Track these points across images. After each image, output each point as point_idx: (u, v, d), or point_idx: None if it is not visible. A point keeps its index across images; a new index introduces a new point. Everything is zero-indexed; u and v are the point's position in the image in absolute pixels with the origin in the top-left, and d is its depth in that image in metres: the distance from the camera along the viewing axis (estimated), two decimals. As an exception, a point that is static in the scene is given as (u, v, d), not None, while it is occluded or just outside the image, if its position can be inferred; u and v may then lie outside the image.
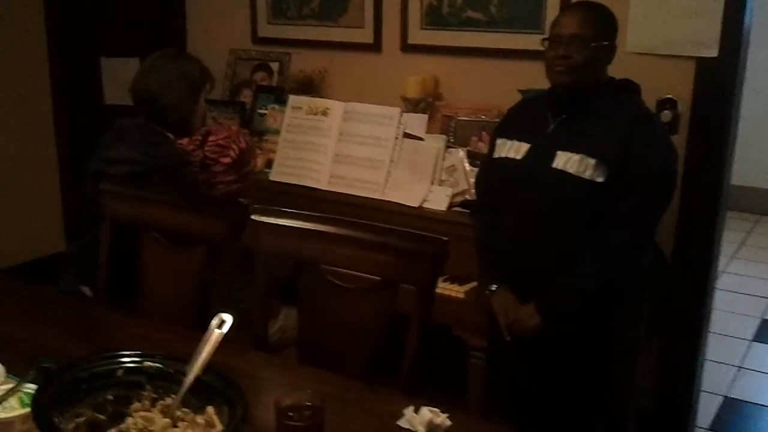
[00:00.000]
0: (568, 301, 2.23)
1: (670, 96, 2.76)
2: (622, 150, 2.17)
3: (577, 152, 2.20)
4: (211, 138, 2.57)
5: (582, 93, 2.27)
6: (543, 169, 2.24)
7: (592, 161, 2.18)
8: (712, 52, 2.70)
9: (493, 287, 2.37)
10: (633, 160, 2.17)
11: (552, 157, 2.24)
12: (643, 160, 2.18)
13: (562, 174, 2.21)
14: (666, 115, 2.74)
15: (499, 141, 2.41)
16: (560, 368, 2.33)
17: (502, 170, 2.38)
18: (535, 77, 2.95)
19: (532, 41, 3.02)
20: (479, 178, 2.57)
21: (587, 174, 2.18)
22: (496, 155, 2.40)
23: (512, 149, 2.35)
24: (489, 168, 2.48)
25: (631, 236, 2.22)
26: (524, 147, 2.32)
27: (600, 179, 2.18)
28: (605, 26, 2.28)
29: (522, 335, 2.28)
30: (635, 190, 2.18)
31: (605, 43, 2.26)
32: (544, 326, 2.24)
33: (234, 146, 2.59)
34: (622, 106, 2.25)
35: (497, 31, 3.14)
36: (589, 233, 2.20)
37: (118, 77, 4.03)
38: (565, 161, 2.21)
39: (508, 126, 2.45)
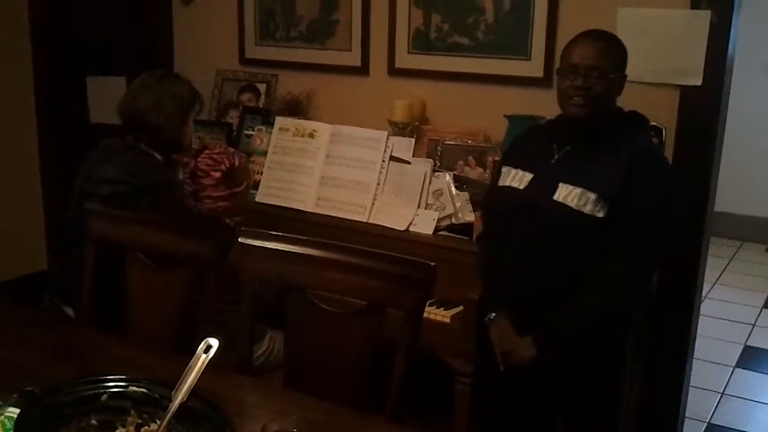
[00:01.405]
0: (568, 335, 2.21)
1: (654, 123, 2.77)
2: (623, 186, 2.15)
3: (578, 186, 2.18)
4: (206, 151, 2.58)
5: (594, 124, 2.24)
6: (544, 200, 2.22)
7: (592, 196, 2.16)
8: (697, 81, 2.73)
9: (492, 315, 2.35)
10: (634, 197, 2.14)
11: (554, 188, 2.22)
12: (645, 198, 2.15)
13: (563, 207, 2.19)
14: (651, 142, 2.76)
15: (504, 169, 2.39)
16: (549, 396, 2.33)
17: (505, 199, 2.36)
18: (522, 103, 3.00)
19: (519, 67, 3.07)
20: (485, 206, 2.56)
21: (587, 209, 2.16)
22: (500, 183, 2.38)
23: (516, 178, 2.32)
24: (494, 196, 2.46)
25: (633, 273, 2.19)
26: (527, 177, 2.30)
27: (600, 214, 2.15)
28: (619, 57, 2.25)
29: (516, 366, 2.27)
30: (633, 228, 2.15)
31: (620, 74, 2.25)
32: (538, 359, 2.22)
33: (226, 161, 2.59)
34: (626, 139, 2.22)
35: (484, 57, 3.17)
36: (590, 266, 2.18)
37: (104, 96, 4.01)
38: (566, 194, 2.19)
39: (514, 154, 2.42)
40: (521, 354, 2.24)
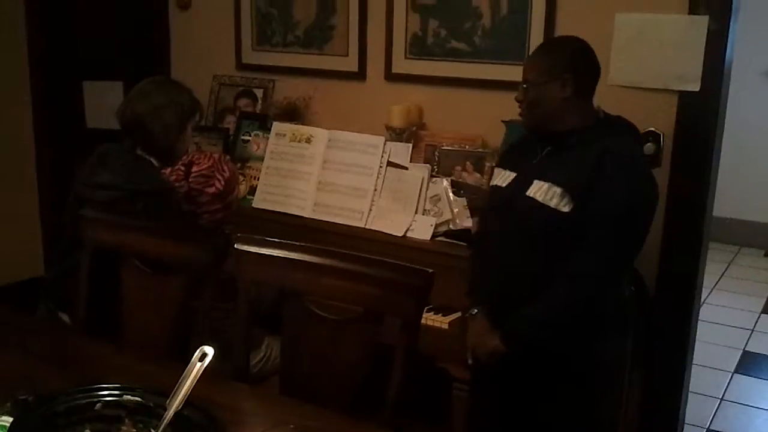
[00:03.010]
0: (526, 331, 2.25)
1: (652, 129, 2.78)
2: (587, 183, 2.17)
3: (548, 181, 2.23)
4: (194, 169, 2.56)
5: (550, 130, 2.29)
6: (518, 196, 2.28)
7: (558, 190, 2.20)
8: (695, 87, 2.72)
9: (474, 311, 2.39)
10: (596, 195, 2.16)
11: (528, 185, 2.27)
12: (605, 198, 2.16)
13: (532, 201, 2.24)
14: (649, 147, 2.75)
15: (496, 170, 2.48)
16: (540, 399, 2.32)
17: (490, 197, 2.47)
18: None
19: (516, 72, 3.03)
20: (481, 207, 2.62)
21: (553, 203, 2.20)
22: (491, 183, 2.48)
23: (502, 178, 2.40)
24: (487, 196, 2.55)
25: (592, 271, 2.19)
26: (511, 176, 2.37)
27: (566, 209, 2.18)
28: (555, 64, 2.27)
29: (480, 357, 2.31)
30: (597, 225, 2.17)
31: (557, 79, 2.25)
32: (502, 350, 2.25)
33: (218, 176, 2.58)
34: (603, 141, 2.23)
35: (481, 62, 3.16)
36: (558, 263, 2.20)
37: (101, 101, 4.01)
38: (536, 190, 2.24)
39: (506, 157, 2.52)
40: (487, 344, 2.28)
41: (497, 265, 2.34)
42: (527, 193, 2.25)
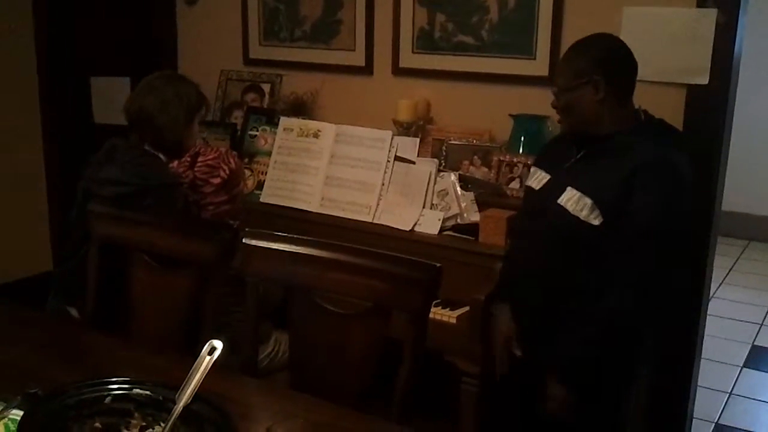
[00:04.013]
0: (572, 371, 2.21)
1: (661, 122, 2.76)
2: (618, 197, 2.12)
3: (579, 190, 2.19)
4: (200, 159, 2.56)
5: (590, 133, 2.25)
6: (550, 202, 2.25)
7: (588, 202, 2.16)
8: (703, 80, 2.71)
9: (496, 309, 2.41)
10: (629, 211, 2.11)
11: (561, 191, 2.23)
12: (638, 214, 2.10)
13: (562, 210, 2.20)
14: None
15: (532, 169, 2.47)
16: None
17: (524, 199, 2.49)
18: (526, 102, 2.98)
19: (524, 66, 3.06)
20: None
21: (583, 214, 2.16)
22: (527, 183, 2.47)
23: (536, 179, 2.39)
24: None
25: (628, 292, 2.14)
26: (545, 178, 2.35)
27: (595, 222, 2.14)
28: (584, 66, 2.21)
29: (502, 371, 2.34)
30: (630, 242, 2.12)
31: (587, 83, 2.19)
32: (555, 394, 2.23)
33: (224, 166, 2.58)
34: (639, 147, 2.16)
35: (489, 56, 3.16)
36: (587, 272, 2.17)
37: (108, 97, 4.02)
38: (568, 198, 2.20)
39: (543, 155, 2.48)
40: (555, 399, 2.23)
41: (527, 267, 2.32)
42: (559, 201, 2.22)
